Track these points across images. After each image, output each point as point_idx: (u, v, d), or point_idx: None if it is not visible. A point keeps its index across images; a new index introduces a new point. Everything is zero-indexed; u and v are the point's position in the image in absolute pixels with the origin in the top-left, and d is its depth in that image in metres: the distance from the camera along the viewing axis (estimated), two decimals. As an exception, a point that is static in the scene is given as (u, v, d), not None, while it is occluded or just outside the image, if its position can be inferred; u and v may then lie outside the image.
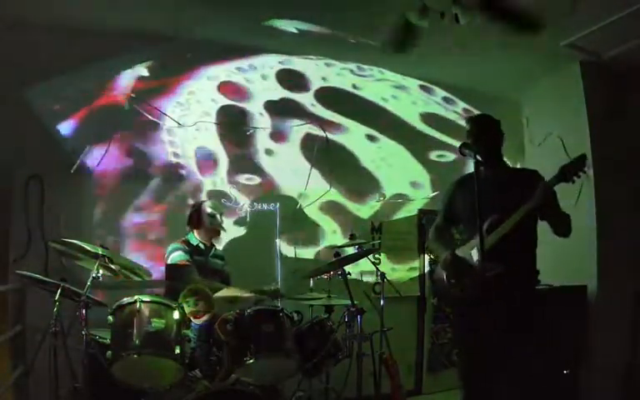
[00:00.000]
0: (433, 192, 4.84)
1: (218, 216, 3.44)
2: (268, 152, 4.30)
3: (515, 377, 2.41)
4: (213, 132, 4.13)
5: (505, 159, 2.78)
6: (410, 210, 4.76)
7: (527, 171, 2.79)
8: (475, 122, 2.76)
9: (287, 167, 4.35)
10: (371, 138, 4.67)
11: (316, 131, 4.44)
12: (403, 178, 4.80)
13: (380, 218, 4.62)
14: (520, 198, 2.42)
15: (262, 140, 4.29)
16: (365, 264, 4.24)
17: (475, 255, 2.52)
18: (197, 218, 3.40)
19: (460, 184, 2.83)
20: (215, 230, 3.43)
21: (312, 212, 4.39)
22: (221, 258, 3.51)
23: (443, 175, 4.88)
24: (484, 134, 2.66)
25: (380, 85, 4.73)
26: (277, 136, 4.34)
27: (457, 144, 2.44)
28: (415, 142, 4.84)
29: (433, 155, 4.92)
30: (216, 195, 4.05)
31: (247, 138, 4.24)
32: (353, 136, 4.60)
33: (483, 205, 2.31)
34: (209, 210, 3.41)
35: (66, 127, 3.66)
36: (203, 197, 3.99)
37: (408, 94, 4.86)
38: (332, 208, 4.46)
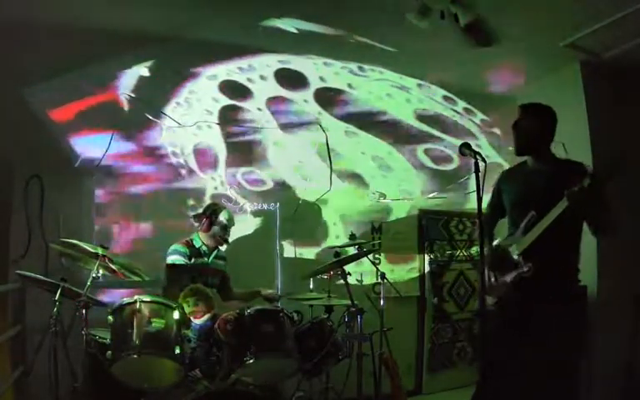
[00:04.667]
0: (428, 192, 4.83)
1: (229, 229, 3.43)
2: (268, 151, 4.30)
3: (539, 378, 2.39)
4: (213, 132, 4.13)
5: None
6: (408, 210, 4.76)
7: (572, 163, 2.64)
8: (522, 110, 2.67)
9: (288, 166, 4.35)
10: (365, 137, 4.66)
11: (316, 130, 4.45)
12: (397, 179, 4.78)
13: (379, 218, 4.62)
14: (562, 194, 2.33)
15: (262, 140, 4.29)
16: (365, 264, 4.24)
17: (514, 252, 2.48)
18: (208, 223, 3.37)
19: (508, 175, 2.78)
20: (221, 240, 3.42)
21: (313, 212, 4.39)
22: (223, 259, 3.52)
23: (439, 174, 4.90)
24: (530, 123, 2.59)
25: (377, 84, 4.72)
26: (278, 135, 4.34)
27: (454, 142, 2.44)
28: (409, 141, 4.83)
29: (429, 154, 4.91)
30: (216, 196, 4.05)
31: (246, 138, 4.24)
32: (349, 135, 4.60)
33: (526, 199, 2.29)
34: (223, 221, 3.38)
35: (66, 127, 3.66)
36: (207, 198, 4.01)
37: (406, 93, 4.85)
38: (331, 208, 4.47)
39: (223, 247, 3.45)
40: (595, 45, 3.99)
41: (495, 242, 2.74)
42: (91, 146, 3.70)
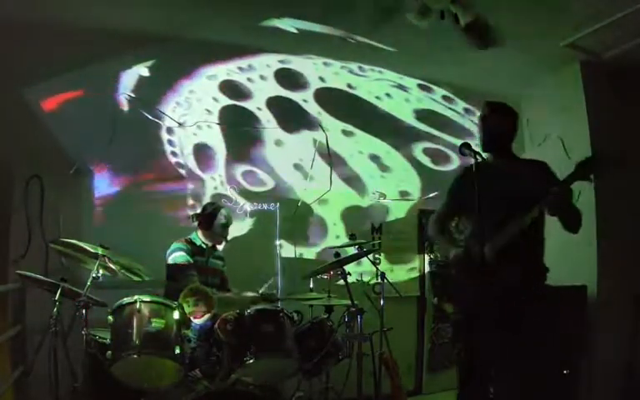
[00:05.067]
0: (427, 192, 4.83)
1: (228, 228, 3.45)
2: (269, 151, 4.30)
3: (518, 376, 2.40)
4: (213, 131, 4.13)
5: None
6: (408, 210, 4.76)
7: (536, 163, 2.69)
8: (489, 108, 2.69)
9: (288, 166, 4.36)
10: (364, 137, 4.66)
11: (316, 130, 4.45)
12: (396, 179, 4.78)
13: (379, 218, 4.62)
14: (529, 192, 2.36)
15: (262, 139, 4.29)
16: (365, 264, 4.24)
17: (488, 252, 2.45)
18: (208, 222, 3.38)
19: (466, 174, 2.73)
20: (220, 239, 3.43)
21: (313, 212, 4.39)
22: (221, 259, 3.51)
23: (438, 174, 4.90)
24: (497, 121, 2.62)
25: (376, 84, 4.72)
26: (278, 135, 4.34)
27: (453, 141, 2.43)
28: (407, 141, 4.83)
29: (428, 153, 4.91)
30: (216, 196, 4.05)
31: (246, 138, 4.24)
32: (348, 135, 4.60)
33: (492, 199, 2.28)
34: (223, 220, 3.40)
35: (65, 127, 3.66)
36: (207, 198, 4.01)
37: (405, 92, 4.84)
38: (332, 208, 4.47)
39: (221, 246, 3.46)
40: (595, 45, 4.00)
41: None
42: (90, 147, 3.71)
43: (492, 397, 2.46)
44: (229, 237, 3.50)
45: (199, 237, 3.40)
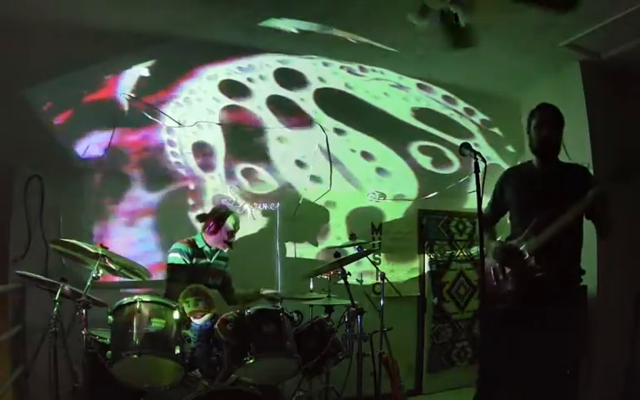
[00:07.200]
0: (426, 192, 4.83)
1: (235, 233, 3.39)
2: (268, 151, 4.30)
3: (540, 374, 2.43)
4: (213, 131, 4.13)
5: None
6: (407, 210, 4.76)
7: (578, 167, 2.76)
8: (546, 112, 2.74)
9: (288, 166, 4.35)
10: (362, 136, 4.67)
11: (316, 130, 4.45)
12: (394, 179, 4.77)
13: (379, 218, 4.62)
14: (570, 196, 2.44)
15: (262, 139, 4.29)
16: (365, 264, 4.24)
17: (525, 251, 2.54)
18: (215, 227, 3.31)
19: (511, 175, 2.81)
20: (225, 245, 3.37)
21: (313, 212, 4.39)
22: (225, 259, 3.48)
23: (437, 174, 4.90)
24: (553, 126, 2.67)
25: (375, 84, 4.71)
26: (278, 135, 4.34)
27: (452, 141, 2.46)
28: (405, 139, 4.83)
29: (425, 152, 4.90)
30: (216, 196, 4.05)
31: (246, 138, 4.24)
32: (344, 134, 4.60)
33: (535, 200, 2.38)
34: (231, 227, 3.34)
35: (66, 127, 3.66)
36: (207, 198, 4.02)
37: (403, 92, 4.84)
38: (332, 208, 4.47)
39: (225, 250, 3.44)
40: (595, 45, 3.99)
41: (498, 239, 2.77)
42: (91, 144, 3.70)
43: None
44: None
45: (203, 239, 3.34)
